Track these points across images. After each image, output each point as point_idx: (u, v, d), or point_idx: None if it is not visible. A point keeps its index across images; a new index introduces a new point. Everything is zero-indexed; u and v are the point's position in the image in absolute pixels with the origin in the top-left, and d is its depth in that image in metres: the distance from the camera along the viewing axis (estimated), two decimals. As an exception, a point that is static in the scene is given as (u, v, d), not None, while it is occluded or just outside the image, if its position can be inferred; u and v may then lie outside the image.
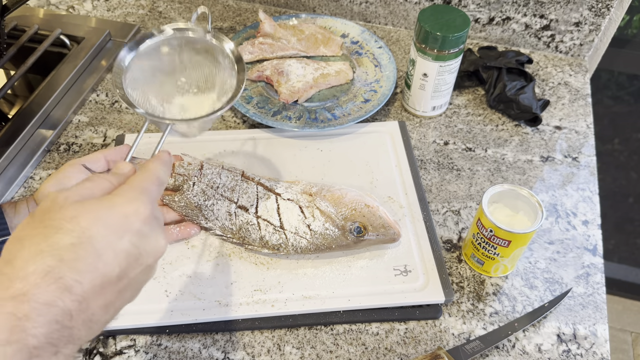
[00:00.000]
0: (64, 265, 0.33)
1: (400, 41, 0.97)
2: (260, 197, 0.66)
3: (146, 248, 0.38)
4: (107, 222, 0.36)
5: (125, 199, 0.38)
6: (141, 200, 0.39)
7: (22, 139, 0.77)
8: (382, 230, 0.64)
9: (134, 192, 0.39)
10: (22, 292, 0.32)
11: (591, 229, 0.71)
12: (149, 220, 0.39)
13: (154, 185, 0.42)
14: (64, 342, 0.33)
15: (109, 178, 0.41)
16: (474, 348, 0.59)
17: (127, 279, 0.37)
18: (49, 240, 0.34)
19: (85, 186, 0.39)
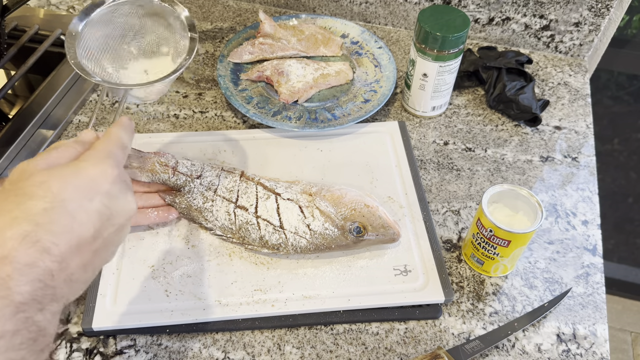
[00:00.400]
0: (39, 229, 0.35)
1: (400, 41, 0.97)
2: (260, 197, 0.66)
3: (116, 208, 0.40)
4: (76, 185, 0.37)
5: (91, 162, 0.40)
6: (107, 163, 0.40)
7: (23, 139, 0.77)
8: (382, 230, 0.64)
9: (99, 155, 0.41)
10: (3, 255, 0.34)
11: (591, 229, 0.71)
12: (117, 182, 0.40)
13: (117, 148, 0.43)
14: (48, 300, 0.35)
15: (73, 145, 0.42)
16: (474, 348, 0.59)
17: (102, 238, 0.39)
18: (21, 206, 0.35)
19: (51, 155, 0.40)
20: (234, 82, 0.85)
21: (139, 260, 0.64)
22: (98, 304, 0.60)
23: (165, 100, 0.85)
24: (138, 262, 0.64)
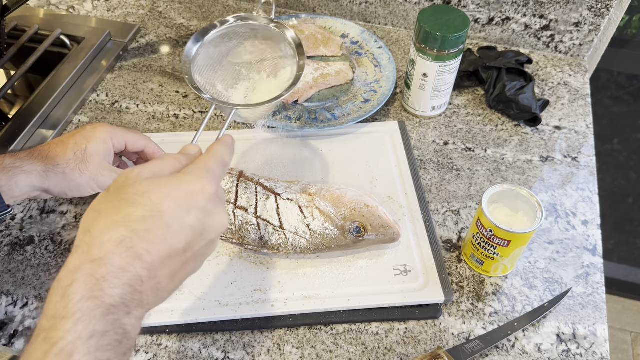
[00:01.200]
0: (135, 236, 0.37)
1: (400, 41, 0.97)
2: (260, 197, 0.66)
3: (210, 224, 0.41)
4: (175, 198, 0.39)
5: (192, 177, 0.41)
6: (207, 178, 0.42)
7: (23, 139, 0.77)
8: (382, 230, 0.64)
9: (201, 171, 0.42)
10: (99, 257, 0.36)
11: (591, 229, 0.71)
12: (214, 198, 0.42)
13: (218, 165, 0.45)
14: (135, 305, 0.36)
15: (177, 158, 0.44)
16: (474, 348, 0.59)
17: (192, 251, 0.40)
18: (122, 212, 0.37)
19: (156, 164, 0.42)
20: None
21: (138, 260, 0.64)
22: (98, 304, 0.60)
23: (165, 100, 0.85)
24: (138, 262, 0.64)
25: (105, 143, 0.59)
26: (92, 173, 0.58)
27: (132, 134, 0.63)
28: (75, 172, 0.57)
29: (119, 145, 0.61)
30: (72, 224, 0.70)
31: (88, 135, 0.59)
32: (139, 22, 0.99)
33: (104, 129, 0.60)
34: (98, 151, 0.59)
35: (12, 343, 0.59)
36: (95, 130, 0.59)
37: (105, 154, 0.59)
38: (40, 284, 0.64)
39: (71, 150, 0.58)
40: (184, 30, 0.98)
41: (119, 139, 0.61)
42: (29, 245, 0.67)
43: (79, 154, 0.58)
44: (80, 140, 0.58)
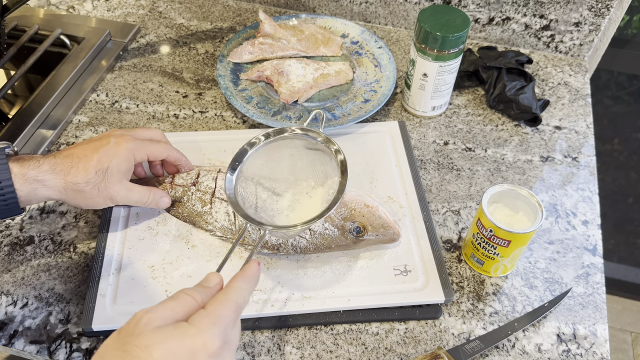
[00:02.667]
0: None
1: (400, 41, 0.97)
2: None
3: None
4: (176, 355, 0.39)
5: (197, 330, 0.41)
6: (211, 332, 0.41)
7: (22, 139, 0.77)
8: (382, 230, 0.64)
9: (207, 322, 0.42)
10: None
11: (591, 229, 0.71)
12: (217, 353, 0.41)
13: (230, 311, 0.44)
14: None
15: (194, 295, 0.44)
16: (474, 348, 0.59)
17: None
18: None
19: (168, 307, 0.42)
20: (233, 82, 0.85)
21: (138, 260, 0.64)
22: (98, 304, 0.60)
23: (165, 100, 0.85)
24: (138, 262, 0.64)
25: (127, 161, 0.61)
26: (110, 191, 0.61)
27: (154, 147, 0.64)
28: (94, 191, 0.60)
29: (141, 159, 0.63)
30: (72, 224, 0.70)
31: (111, 152, 0.60)
32: (139, 22, 0.99)
33: (128, 145, 0.61)
34: (120, 169, 0.60)
35: (12, 343, 0.59)
36: (119, 147, 0.61)
37: (125, 172, 0.62)
38: (40, 284, 0.64)
39: (93, 168, 0.59)
40: (184, 30, 0.98)
41: (141, 154, 0.63)
42: (29, 245, 0.67)
43: (100, 173, 0.59)
44: (104, 157, 0.60)
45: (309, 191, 0.64)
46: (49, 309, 0.62)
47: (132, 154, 0.62)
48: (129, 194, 0.62)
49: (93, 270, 0.63)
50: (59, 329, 0.60)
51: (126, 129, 0.66)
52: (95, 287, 0.61)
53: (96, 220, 0.70)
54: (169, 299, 0.43)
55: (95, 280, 0.62)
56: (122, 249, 0.65)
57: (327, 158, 0.62)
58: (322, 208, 0.58)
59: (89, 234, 0.69)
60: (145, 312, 0.42)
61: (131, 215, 0.68)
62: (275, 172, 0.65)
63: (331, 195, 0.59)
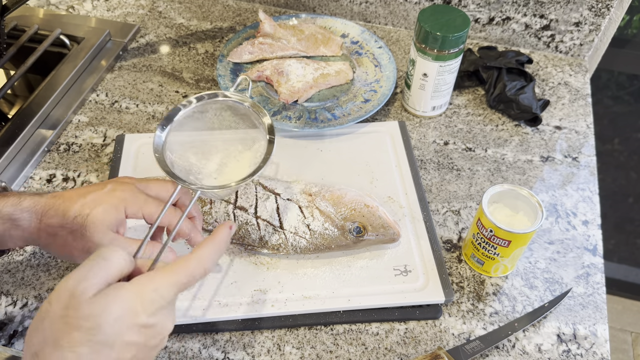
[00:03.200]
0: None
1: (400, 41, 0.97)
2: (260, 197, 0.66)
3: (153, 334, 0.42)
4: (116, 317, 0.39)
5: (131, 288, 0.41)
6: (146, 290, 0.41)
7: (22, 139, 0.77)
8: (382, 230, 0.64)
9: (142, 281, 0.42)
10: None
11: (591, 229, 0.71)
12: (156, 311, 0.41)
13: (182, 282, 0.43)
14: None
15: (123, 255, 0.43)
16: (474, 348, 0.59)
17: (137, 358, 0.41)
18: (67, 337, 0.38)
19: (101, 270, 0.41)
20: (233, 82, 0.85)
21: (138, 261, 0.64)
22: (98, 304, 0.60)
23: (164, 100, 0.85)
24: (138, 262, 0.64)
25: (116, 211, 0.52)
26: (87, 243, 0.51)
27: (154, 207, 0.54)
28: (68, 237, 0.52)
29: (134, 215, 0.54)
30: (72, 224, 0.70)
31: (100, 198, 0.52)
32: (139, 22, 0.99)
33: (122, 195, 0.53)
34: (104, 219, 0.51)
35: (11, 343, 0.59)
36: (111, 195, 0.53)
37: (111, 223, 0.52)
38: (40, 284, 0.64)
39: (73, 212, 0.51)
40: (183, 30, 0.98)
41: (134, 210, 0.53)
42: (28, 245, 0.67)
43: (80, 219, 0.51)
44: (90, 203, 0.52)
45: (236, 155, 0.61)
46: (49, 309, 0.62)
47: (124, 205, 0.52)
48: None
49: (93, 270, 0.63)
50: (59, 329, 0.60)
51: (140, 178, 0.57)
52: (95, 287, 0.61)
53: (96, 220, 0.70)
54: (97, 262, 0.41)
55: (95, 280, 0.62)
56: (121, 249, 0.65)
57: (255, 122, 0.61)
58: (250, 170, 0.57)
59: (88, 234, 0.68)
60: (77, 281, 0.39)
61: (131, 215, 0.68)
62: (204, 135, 0.62)
63: (259, 158, 0.58)
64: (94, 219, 0.51)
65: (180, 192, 0.55)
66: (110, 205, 0.52)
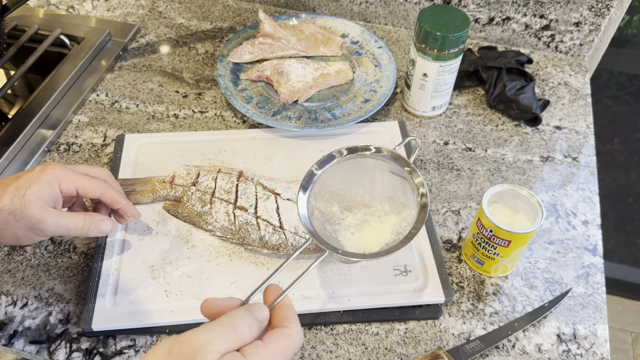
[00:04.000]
0: None
1: (400, 41, 0.97)
2: (260, 197, 0.66)
3: None
4: None
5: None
6: None
7: (22, 139, 0.77)
8: (382, 230, 0.64)
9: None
10: None
11: (591, 229, 0.71)
12: None
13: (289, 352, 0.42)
14: None
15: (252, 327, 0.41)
16: (474, 348, 0.59)
17: None
18: None
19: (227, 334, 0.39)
20: (233, 82, 0.85)
21: (138, 260, 0.64)
22: (98, 305, 0.60)
23: (164, 100, 0.85)
24: (138, 262, 0.64)
25: (50, 187, 0.55)
26: (30, 220, 0.54)
27: (86, 180, 0.58)
28: (9, 219, 0.54)
29: (67, 190, 0.57)
30: (72, 224, 0.70)
31: (32, 178, 0.55)
32: (139, 22, 0.99)
33: (53, 172, 0.56)
34: (40, 195, 0.54)
35: (11, 343, 0.59)
36: (42, 174, 0.56)
37: (48, 199, 0.55)
38: (40, 284, 0.64)
39: (8, 195, 0.54)
40: (183, 30, 0.98)
41: (68, 184, 0.57)
42: (28, 245, 0.67)
43: (17, 199, 0.53)
44: (22, 184, 0.54)
45: (382, 215, 0.60)
46: (49, 309, 0.62)
47: (57, 181, 0.56)
48: (58, 220, 0.55)
49: (93, 270, 0.63)
50: (59, 329, 0.60)
51: (68, 165, 0.61)
52: (95, 287, 0.61)
53: (96, 220, 0.70)
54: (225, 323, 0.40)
55: (95, 280, 0.62)
56: (122, 249, 0.65)
57: (409, 189, 0.59)
58: (390, 238, 0.55)
59: (88, 234, 0.68)
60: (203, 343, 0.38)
61: (131, 215, 0.68)
62: (351, 187, 0.61)
63: (403, 228, 0.56)
64: (31, 196, 0.54)
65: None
66: (44, 182, 0.55)
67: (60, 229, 0.57)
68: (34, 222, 0.54)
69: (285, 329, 0.42)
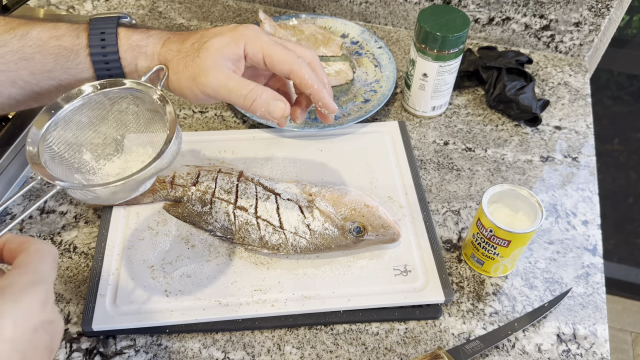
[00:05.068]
0: None
1: (400, 41, 0.97)
2: (260, 197, 0.66)
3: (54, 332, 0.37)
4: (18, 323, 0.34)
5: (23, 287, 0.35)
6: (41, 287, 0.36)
7: (22, 139, 0.77)
8: (382, 230, 0.64)
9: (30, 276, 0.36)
10: None
11: (591, 229, 0.71)
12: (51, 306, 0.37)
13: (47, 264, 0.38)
14: None
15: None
16: (474, 348, 0.59)
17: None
18: None
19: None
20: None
21: (138, 260, 0.64)
22: (98, 304, 0.60)
23: (165, 100, 0.85)
24: (138, 262, 0.64)
25: (235, 44, 0.50)
26: (196, 69, 0.50)
27: (278, 48, 0.51)
28: (180, 64, 0.51)
29: (253, 56, 0.51)
30: (72, 224, 0.70)
31: (220, 31, 0.51)
32: (139, 22, 0.99)
33: (244, 31, 0.51)
34: (220, 49, 0.50)
35: (12, 343, 0.59)
36: (233, 29, 0.51)
37: (227, 55, 0.50)
38: (40, 284, 0.64)
39: (191, 40, 0.51)
40: (183, 30, 0.98)
41: (255, 48, 0.51)
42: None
43: (196, 45, 0.51)
44: (209, 33, 0.51)
45: (145, 160, 0.50)
46: (49, 309, 0.62)
47: (244, 40, 0.50)
48: (221, 77, 0.50)
49: (93, 270, 0.63)
50: (59, 329, 0.60)
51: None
52: (95, 287, 0.61)
53: (96, 220, 0.70)
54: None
55: (95, 280, 0.62)
56: (122, 249, 0.65)
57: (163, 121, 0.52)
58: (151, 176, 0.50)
59: (89, 234, 0.69)
60: None
61: (131, 215, 0.68)
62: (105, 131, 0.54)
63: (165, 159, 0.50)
64: (211, 45, 0.50)
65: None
66: (229, 38, 0.50)
67: (221, 90, 0.50)
68: (198, 72, 0.50)
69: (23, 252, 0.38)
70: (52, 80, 0.53)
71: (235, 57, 0.51)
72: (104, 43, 0.52)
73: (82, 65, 0.52)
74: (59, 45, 0.52)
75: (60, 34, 0.52)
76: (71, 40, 0.52)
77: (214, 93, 0.51)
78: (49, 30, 0.52)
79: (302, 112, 0.57)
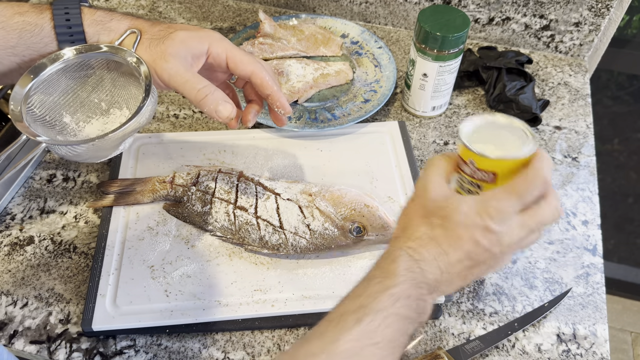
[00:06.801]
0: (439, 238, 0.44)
1: (400, 41, 0.97)
2: (260, 197, 0.66)
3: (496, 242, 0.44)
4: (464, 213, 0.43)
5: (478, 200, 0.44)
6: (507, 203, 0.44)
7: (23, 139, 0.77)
8: (382, 230, 0.64)
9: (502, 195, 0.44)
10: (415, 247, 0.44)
11: (591, 229, 0.71)
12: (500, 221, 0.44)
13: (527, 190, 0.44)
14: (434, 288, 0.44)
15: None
16: (474, 348, 0.59)
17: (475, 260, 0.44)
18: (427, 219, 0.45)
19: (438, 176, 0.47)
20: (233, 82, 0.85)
21: (138, 261, 0.64)
22: (98, 305, 0.60)
23: (165, 100, 0.85)
24: (138, 262, 0.64)
25: (199, 41, 0.53)
26: (158, 53, 0.52)
27: (240, 52, 0.55)
28: (144, 43, 0.53)
29: (216, 56, 0.54)
30: (72, 224, 0.70)
31: (189, 27, 0.54)
32: (139, 22, 0.99)
33: (210, 32, 0.55)
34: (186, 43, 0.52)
35: (12, 343, 0.59)
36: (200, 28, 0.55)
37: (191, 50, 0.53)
38: (40, 284, 0.64)
39: (159, 27, 0.54)
40: (184, 30, 0.98)
41: (218, 49, 0.54)
42: (29, 245, 0.67)
43: (163, 33, 0.53)
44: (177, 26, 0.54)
45: (123, 120, 0.52)
46: (49, 309, 0.62)
47: (209, 40, 0.54)
48: (180, 68, 0.52)
49: (93, 270, 0.63)
50: (59, 329, 0.61)
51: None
52: (95, 287, 0.61)
53: (96, 220, 0.70)
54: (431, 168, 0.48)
55: (95, 280, 0.62)
56: (122, 249, 0.65)
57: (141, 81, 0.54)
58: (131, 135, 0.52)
59: (89, 234, 0.69)
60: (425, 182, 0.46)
61: (131, 215, 0.68)
62: (83, 95, 0.56)
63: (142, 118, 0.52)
64: (177, 36, 0.52)
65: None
66: (196, 36, 0.53)
67: (177, 78, 0.52)
68: (160, 55, 0.52)
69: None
70: (15, 57, 0.54)
71: (197, 53, 0.53)
72: (68, 16, 0.53)
73: (46, 39, 0.54)
74: (24, 21, 0.53)
75: (24, 11, 0.54)
76: (35, 16, 0.54)
77: (168, 79, 0.53)
78: (13, 7, 0.54)
79: (254, 115, 0.61)
